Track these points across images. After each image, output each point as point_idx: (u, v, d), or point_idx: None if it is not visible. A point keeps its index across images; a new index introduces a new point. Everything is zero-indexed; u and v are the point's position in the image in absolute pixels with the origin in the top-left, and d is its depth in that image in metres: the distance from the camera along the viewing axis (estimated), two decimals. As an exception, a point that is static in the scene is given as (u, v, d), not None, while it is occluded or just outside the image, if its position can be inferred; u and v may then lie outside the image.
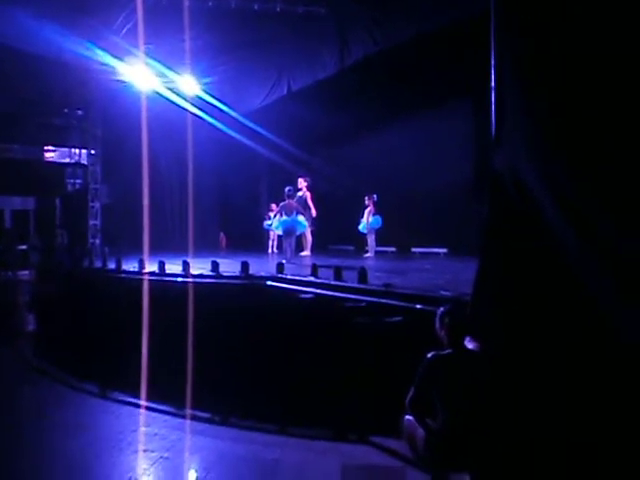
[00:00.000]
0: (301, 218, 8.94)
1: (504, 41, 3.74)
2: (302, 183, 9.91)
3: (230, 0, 9.00)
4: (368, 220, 9.88)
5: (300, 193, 9.70)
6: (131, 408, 6.13)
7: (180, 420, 5.68)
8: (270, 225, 10.64)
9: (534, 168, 3.43)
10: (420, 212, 9.92)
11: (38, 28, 8.96)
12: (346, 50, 9.01)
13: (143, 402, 6.13)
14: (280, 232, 9.22)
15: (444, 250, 9.90)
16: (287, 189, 8.93)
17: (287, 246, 8.80)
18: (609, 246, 3.04)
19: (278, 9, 9.14)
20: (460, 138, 9.60)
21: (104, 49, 10.16)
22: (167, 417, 5.78)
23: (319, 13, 9.30)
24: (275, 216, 9.16)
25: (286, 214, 8.80)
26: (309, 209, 9.65)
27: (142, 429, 5.46)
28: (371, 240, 9.99)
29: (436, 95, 9.70)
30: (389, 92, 10.00)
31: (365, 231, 10.01)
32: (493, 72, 3.81)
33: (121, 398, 6.47)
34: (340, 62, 9.07)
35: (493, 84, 3.81)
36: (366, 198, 9.96)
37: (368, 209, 9.93)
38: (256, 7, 9.09)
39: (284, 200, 8.92)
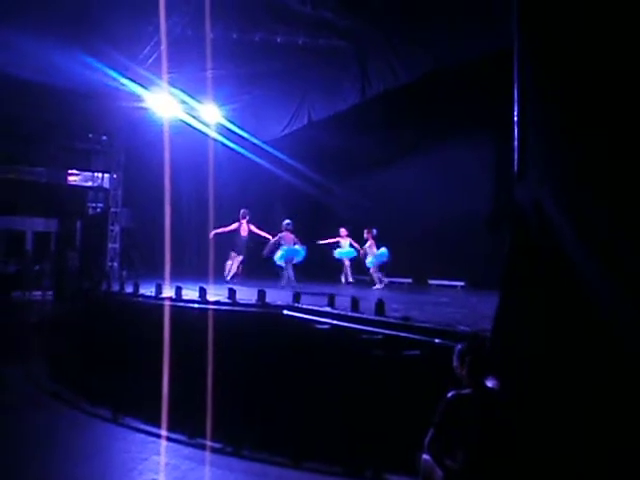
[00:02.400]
0: (298, 247, 9.59)
1: (527, 75, 3.75)
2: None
3: (254, 33, 9.21)
4: (373, 254, 9.78)
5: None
6: (143, 435, 6.07)
7: (192, 449, 5.60)
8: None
9: (558, 201, 3.40)
10: (438, 243, 9.86)
11: (67, 62, 9.27)
12: (367, 82, 9.12)
13: (155, 429, 6.07)
14: (282, 261, 9.68)
15: (461, 283, 9.78)
16: (286, 222, 9.70)
17: (286, 274, 9.46)
18: (636, 279, 2.98)
19: (300, 42, 9.32)
20: (480, 170, 9.60)
21: (130, 78, 10.44)
22: (179, 446, 5.71)
23: (340, 46, 9.46)
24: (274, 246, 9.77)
25: (286, 244, 9.53)
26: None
27: (153, 458, 5.39)
28: (376, 273, 9.86)
29: (456, 126, 9.75)
30: (410, 123, 10.08)
31: (371, 266, 9.91)
32: (515, 106, 3.81)
33: (133, 424, 6.41)
34: (361, 94, 9.16)
35: (515, 118, 3.81)
36: (365, 231, 9.92)
37: (368, 243, 9.86)
38: (279, 39, 9.29)
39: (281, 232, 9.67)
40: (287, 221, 9.75)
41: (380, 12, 8.31)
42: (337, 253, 10.53)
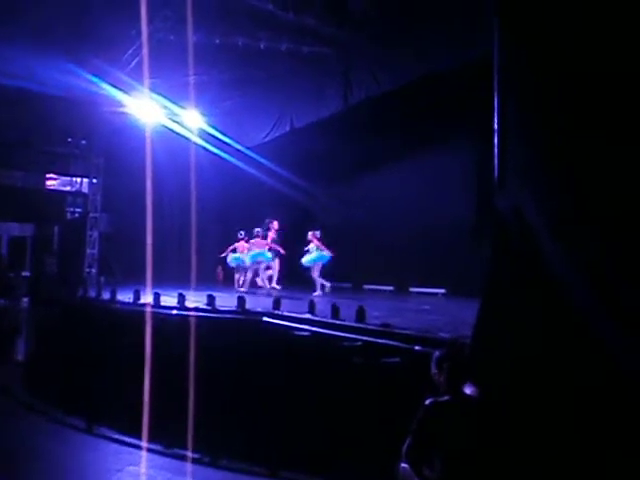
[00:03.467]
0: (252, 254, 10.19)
1: (507, 83, 3.76)
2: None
3: (237, 38, 9.17)
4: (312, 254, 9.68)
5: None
6: (118, 446, 5.94)
7: (167, 459, 5.50)
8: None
9: (538, 209, 3.40)
10: (419, 251, 9.86)
11: (47, 66, 9.16)
12: (349, 89, 9.14)
13: (131, 439, 5.93)
14: (234, 265, 10.67)
15: (442, 290, 9.78)
16: (239, 233, 10.58)
17: (238, 278, 10.50)
18: (609, 287, 3.00)
19: (283, 48, 9.30)
20: (462, 177, 9.63)
21: (110, 83, 10.33)
22: (154, 456, 5.60)
23: (323, 53, 9.47)
24: (229, 253, 10.72)
25: (240, 252, 10.46)
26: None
27: (128, 468, 5.26)
28: (316, 276, 9.71)
29: (438, 134, 9.79)
30: (391, 131, 10.10)
31: (309, 265, 9.76)
32: (495, 114, 3.81)
33: (108, 434, 6.27)
34: (344, 101, 9.18)
35: (495, 126, 3.81)
36: (309, 233, 9.84)
37: (312, 244, 9.74)
38: (262, 46, 9.26)
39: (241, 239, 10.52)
40: (241, 232, 10.60)
41: (363, 19, 8.34)
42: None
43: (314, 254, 9.65)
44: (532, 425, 3.11)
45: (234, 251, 10.67)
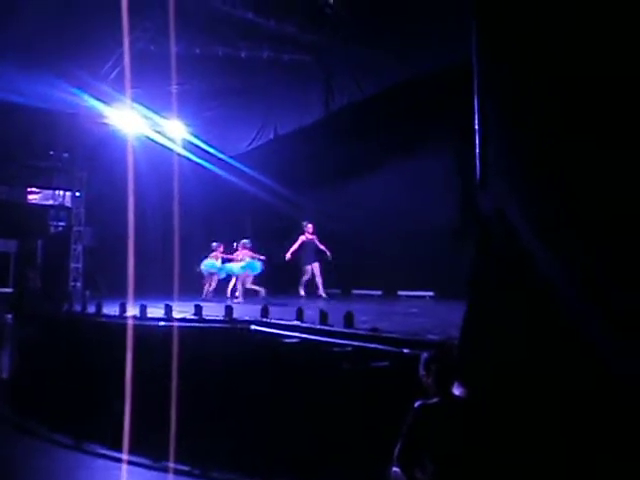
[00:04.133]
0: (219, 264, 10.71)
1: (487, 85, 3.79)
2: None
3: (217, 47, 9.18)
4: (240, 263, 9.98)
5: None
6: (106, 461, 5.85)
7: (157, 473, 5.42)
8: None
9: (521, 211, 3.42)
10: (406, 254, 9.87)
11: (28, 79, 9.09)
12: (331, 96, 9.18)
13: (119, 454, 5.84)
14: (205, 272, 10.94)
15: (430, 293, 9.81)
16: (212, 244, 10.94)
17: (207, 286, 10.80)
18: (600, 290, 3.01)
19: (265, 56, 9.33)
20: (445, 180, 9.68)
21: (92, 95, 10.26)
22: (143, 470, 5.52)
23: (305, 61, 9.51)
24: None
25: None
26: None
27: (116, 484, 5.19)
28: (240, 283, 10.02)
29: (420, 137, 9.84)
30: (374, 135, 10.14)
31: (236, 273, 10.07)
32: (476, 115, 3.84)
33: (97, 450, 6.18)
34: (326, 108, 9.21)
35: (477, 127, 3.83)
36: (240, 244, 10.25)
37: (240, 254, 10.02)
38: (243, 55, 9.27)
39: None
40: (214, 244, 10.93)
41: (343, 26, 8.39)
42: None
43: (242, 263, 10.02)
44: (519, 428, 3.11)
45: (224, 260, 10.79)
